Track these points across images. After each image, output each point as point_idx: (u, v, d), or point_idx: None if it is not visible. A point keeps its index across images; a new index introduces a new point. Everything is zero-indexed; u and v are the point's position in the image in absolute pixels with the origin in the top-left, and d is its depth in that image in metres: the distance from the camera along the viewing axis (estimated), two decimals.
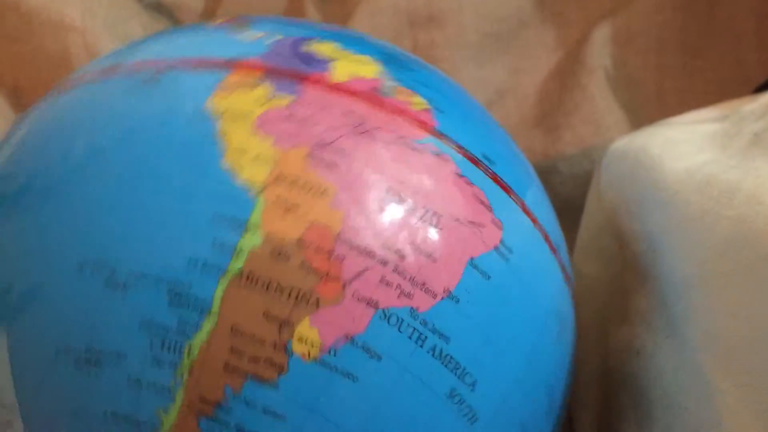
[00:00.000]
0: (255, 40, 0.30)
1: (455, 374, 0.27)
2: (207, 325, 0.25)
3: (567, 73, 0.48)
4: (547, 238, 0.31)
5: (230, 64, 0.29)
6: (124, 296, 0.25)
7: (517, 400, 0.28)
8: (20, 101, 0.50)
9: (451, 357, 0.27)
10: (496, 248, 0.28)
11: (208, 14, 0.53)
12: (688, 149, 0.33)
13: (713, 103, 0.39)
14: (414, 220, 0.27)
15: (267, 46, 0.29)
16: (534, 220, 0.31)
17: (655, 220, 0.32)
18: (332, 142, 0.27)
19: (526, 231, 0.30)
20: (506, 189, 0.30)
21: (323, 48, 0.30)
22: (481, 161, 0.29)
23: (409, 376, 0.26)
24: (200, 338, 0.25)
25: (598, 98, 0.47)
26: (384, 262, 0.26)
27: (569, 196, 0.46)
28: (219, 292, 0.25)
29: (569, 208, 0.43)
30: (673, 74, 0.48)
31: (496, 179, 0.29)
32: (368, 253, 0.26)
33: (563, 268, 0.32)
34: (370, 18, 0.50)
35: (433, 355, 0.26)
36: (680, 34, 0.48)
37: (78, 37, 0.48)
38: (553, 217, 0.33)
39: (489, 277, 0.28)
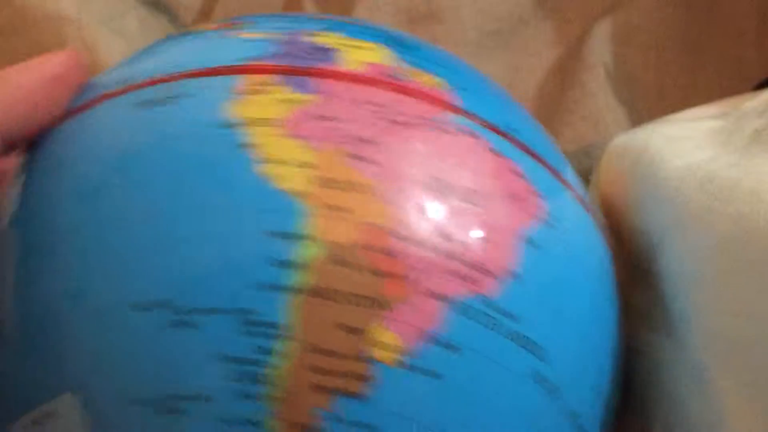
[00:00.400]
0: (259, 40, 0.29)
1: (533, 354, 0.26)
2: (285, 349, 0.24)
3: (567, 70, 0.48)
4: (583, 202, 0.31)
5: (242, 69, 0.28)
6: (195, 335, 0.24)
7: (589, 364, 0.28)
8: None
9: (526, 337, 0.26)
10: (543, 219, 0.28)
11: (206, 11, 0.52)
12: (689, 146, 0.33)
13: (714, 100, 0.39)
14: (461, 204, 0.26)
15: (273, 44, 0.28)
16: (569, 186, 0.30)
17: (655, 218, 0.32)
18: (367, 137, 0.26)
19: (565, 198, 0.30)
20: (538, 158, 0.29)
21: (329, 39, 0.29)
22: (509, 134, 0.29)
23: (490, 363, 0.26)
24: (281, 363, 0.24)
25: (598, 95, 0.46)
26: (443, 252, 0.25)
27: None
28: (291, 312, 0.24)
29: None
30: (674, 71, 0.48)
31: (527, 150, 0.29)
32: (426, 245, 0.25)
33: (602, 230, 0.32)
34: (369, 14, 0.50)
35: (508, 338, 0.26)
36: (681, 31, 0.48)
37: (74, 31, 0.48)
38: (581, 184, 0.33)
39: (542, 249, 0.27)
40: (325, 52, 0.28)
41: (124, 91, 0.29)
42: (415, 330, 0.25)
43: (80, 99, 0.29)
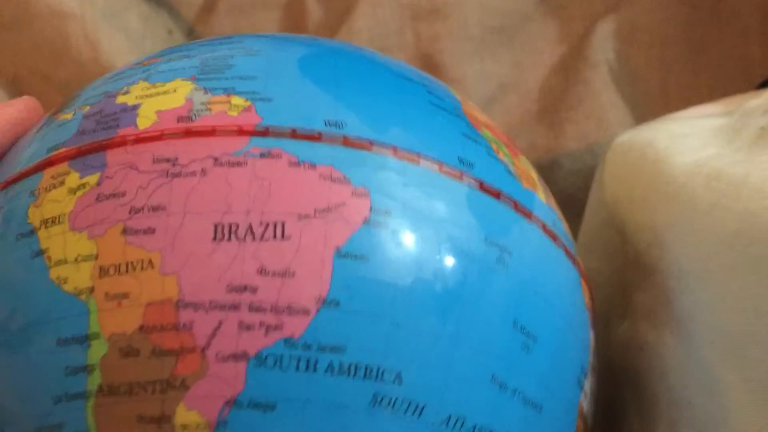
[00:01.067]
0: (65, 123, 0.28)
1: (373, 378, 0.24)
2: None
3: (570, 67, 0.48)
4: (443, 166, 0.27)
5: (42, 165, 0.27)
6: None
7: (451, 381, 0.26)
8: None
9: (356, 365, 0.24)
10: (366, 221, 0.25)
11: (208, 7, 0.52)
12: (695, 143, 0.33)
13: (717, 99, 0.39)
14: (252, 245, 0.24)
15: (74, 125, 0.28)
16: (407, 155, 0.27)
17: (660, 214, 0.32)
18: (144, 205, 0.25)
19: (402, 172, 0.27)
20: (363, 145, 0.27)
21: (131, 95, 0.28)
22: (324, 133, 0.26)
23: (317, 407, 0.24)
24: None
25: (601, 93, 0.46)
26: (235, 306, 0.24)
27: (572, 190, 0.46)
28: (90, 419, 0.24)
29: (572, 202, 0.43)
30: (677, 70, 0.47)
31: (348, 142, 0.26)
32: (216, 305, 0.24)
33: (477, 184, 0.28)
34: (372, 11, 0.50)
35: (333, 373, 0.24)
36: (684, 29, 0.48)
37: (77, 26, 0.48)
38: (436, 135, 0.28)
39: (368, 258, 0.25)
40: (123, 113, 0.27)
41: None
42: (219, 400, 0.24)
43: None
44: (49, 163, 0.27)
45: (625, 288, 0.35)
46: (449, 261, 0.26)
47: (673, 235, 0.31)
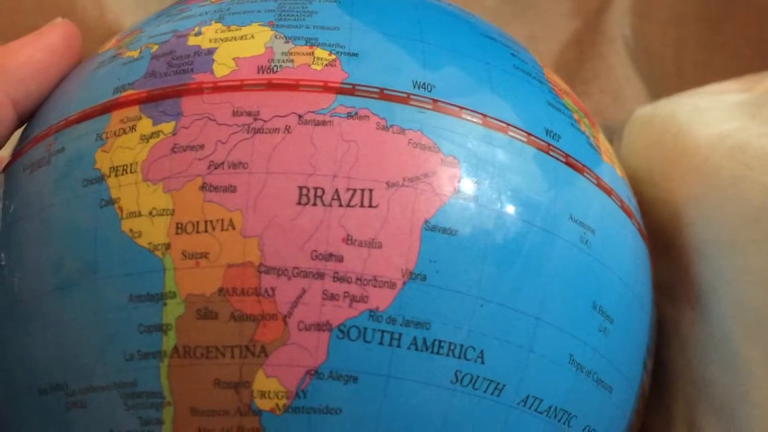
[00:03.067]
0: (133, 61, 0.27)
1: (456, 355, 0.24)
2: (167, 417, 0.23)
3: (586, 41, 0.47)
4: (531, 138, 0.26)
5: (109, 106, 0.26)
6: (86, 415, 0.24)
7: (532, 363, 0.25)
8: None
9: (440, 341, 0.24)
10: (455, 192, 0.24)
11: None
12: (717, 116, 0.32)
13: (732, 78, 0.38)
14: (339, 211, 0.23)
15: (144, 62, 0.26)
16: (501, 122, 0.26)
17: (682, 187, 0.31)
18: (224, 160, 0.24)
19: (491, 142, 0.25)
20: (452, 111, 0.25)
21: (204, 37, 0.26)
22: (413, 95, 0.25)
23: (399, 382, 0.23)
24: (167, 431, 0.23)
25: (617, 68, 0.46)
26: (320, 275, 0.23)
27: None
28: (164, 379, 0.23)
29: None
30: (692, 48, 0.47)
31: (438, 107, 0.25)
32: (299, 272, 0.23)
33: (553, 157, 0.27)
34: None
35: (416, 349, 0.23)
36: (700, 8, 0.47)
37: None
38: (524, 103, 0.27)
39: (456, 232, 0.24)
40: (196, 57, 0.26)
41: (16, 156, 0.28)
42: (299, 370, 0.23)
43: None
44: (117, 105, 0.26)
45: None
46: (537, 238, 0.25)
47: (695, 209, 0.31)
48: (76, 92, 0.28)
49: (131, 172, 0.25)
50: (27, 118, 0.29)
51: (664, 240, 0.32)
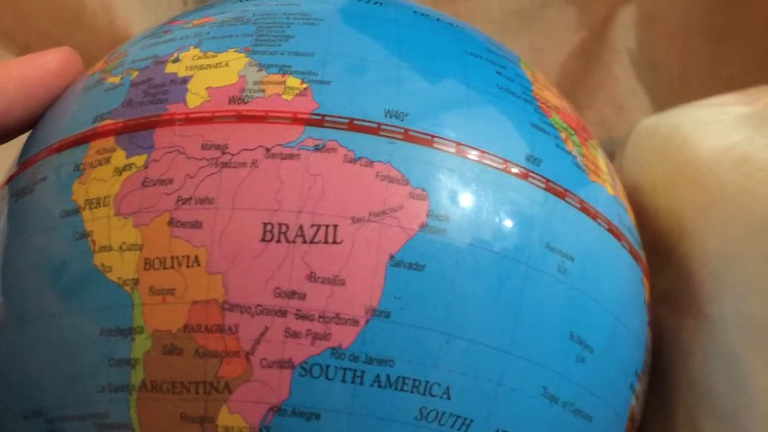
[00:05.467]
0: (112, 89, 0.27)
1: (420, 392, 0.24)
2: None
3: (590, 53, 0.48)
4: (508, 164, 0.26)
5: (88, 135, 0.26)
6: None
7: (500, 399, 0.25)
8: None
9: (404, 378, 0.23)
10: (422, 226, 0.24)
11: None
12: (721, 129, 0.33)
13: (737, 90, 0.39)
14: (302, 248, 0.23)
15: (121, 93, 0.27)
16: (475, 150, 0.25)
17: (685, 198, 0.32)
18: (191, 195, 0.24)
19: (464, 172, 0.25)
20: (424, 141, 0.25)
21: (181, 64, 0.26)
22: (384, 125, 0.25)
23: (362, 419, 0.23)
24: None
25: (621, 80, 0.46)
26: (282, 312, 0.23)
27: None
28: (133, 412, 0.24)
29: None
30: (698, 60, 0.47)
31: (408, 137, 0.25)
32: (262, 310, 0.23)
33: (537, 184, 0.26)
34: None
35: (380, 386, 0.23)
36: (706, 19, 0.47)
37: None
38: (503, 128, 0.26)
39: (422, 267, 0.24)
40: (172, 85, 0.26)
41: (7, 181, 0.28)
42: (262, 406, 0.23)
43: None
44: (95, 135, 0.26)
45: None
46: (510, 270, 0.25)
47: (698, 220, 0.31)
48: (60, 119, 0.28)
49: (104, 205, 0.25)
50: (9, 130, 0.29)
51: (665, 250, 0.33)
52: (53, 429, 0.25)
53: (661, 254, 0.33)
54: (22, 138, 0.30)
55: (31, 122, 0.29)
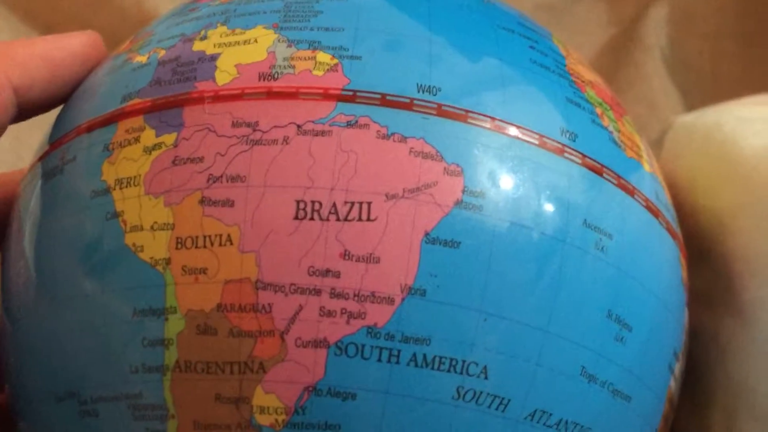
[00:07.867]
0: (140, 68, 0.27)
1: (458, 371, 0.23)
2: (172, 429, 0.23)
3: (621, 49, 0.47)
4: (543, 139, 0.25)
5: (117, 115, 0.26)
6: (98, 423, 0.24)
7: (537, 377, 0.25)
8: None
9: (441, 357, 0.23)
10: (457, 203, 0.23)
11: None
12: (762, 127, 0.32)
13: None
14: (336, 225, 0.23)
15: (149, 72, 0.26)
16: (511, 125, 0.25)
17: (726, 196, 0.31)
18: (222, 173, 0.24)
19: (498, 147, 0.24)
20: (458, 116, 0.24)
21: (209, 42, 0.26)
22: (417, 100, 0.24)
23: (399, 399, 0.23)
24: None
25: (652, 77, 0.46)
26: (317, 291, 0.23)
27: None
28: (167, 392, 0.23)
29: None
30: (729, 61, 0.47)
31: (442, 112, 0.24)
32: (296, 289, 0.23)
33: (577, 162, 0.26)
34: None
35: (416, 365, 0.23)
36: (738, 21, 0.47)
37: None
38: (538, 102, 0.26)
39: (458, 244, 0.23)
40: (200, 63, 0.26)
41: (38, 159, 0.28)
42: (298, 386, 0.23)
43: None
44: (124, 114, 0.26)
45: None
46: (547, 247, 0.24)
47: (740, 218, 0.30)
48: (88, 99, 0.28)
49: (135, 185, 0.24)
50: (29, 108, 0.29)
51: (703, 247, 0.32)
52: (87, 410, 0.25)
53: (698, 252, 0.33)
54: (51, 116, 0.30)
55: (51, 102, 0.29)
